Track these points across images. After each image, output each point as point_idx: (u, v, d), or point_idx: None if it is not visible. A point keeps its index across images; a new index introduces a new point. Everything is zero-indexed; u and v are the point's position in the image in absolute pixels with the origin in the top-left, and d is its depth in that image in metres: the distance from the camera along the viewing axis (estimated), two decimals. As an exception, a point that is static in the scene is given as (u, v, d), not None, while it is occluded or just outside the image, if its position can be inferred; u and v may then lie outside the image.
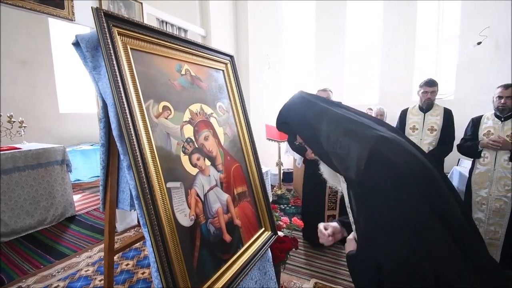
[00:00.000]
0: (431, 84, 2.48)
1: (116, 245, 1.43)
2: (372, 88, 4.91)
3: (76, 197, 4.04)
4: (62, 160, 3.26)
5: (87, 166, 5.04)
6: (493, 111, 2.25)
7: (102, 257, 2.51)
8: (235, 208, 1.40)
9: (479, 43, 3.52)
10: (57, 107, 5.49)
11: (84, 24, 2.62)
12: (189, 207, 1.11)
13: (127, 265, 2.37)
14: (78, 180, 4.84)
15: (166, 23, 3.53)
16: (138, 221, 3.26)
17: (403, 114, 2.70)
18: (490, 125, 2.23)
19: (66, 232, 3.04)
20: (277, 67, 5.00)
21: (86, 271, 2.30)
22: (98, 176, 5.07)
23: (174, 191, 1.06)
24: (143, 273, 2.26)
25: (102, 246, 2.72)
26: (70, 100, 5.68)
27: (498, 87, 2.21)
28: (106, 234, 1.32)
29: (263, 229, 1.58)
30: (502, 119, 2.17)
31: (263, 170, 1.74)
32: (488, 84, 3.34)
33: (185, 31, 3.80)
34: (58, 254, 2.58)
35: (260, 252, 1.43)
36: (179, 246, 1.00)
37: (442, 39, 4.34)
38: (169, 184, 1.04)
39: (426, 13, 4.34)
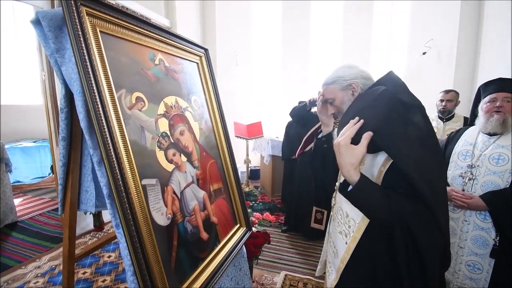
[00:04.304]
0: None
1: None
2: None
3: (16, 201, 3.53)
4: (0, 159, 2.81)
5: (29, 166, 4.44)
6: (437, 113, 2.56)
7: (53, 266, 2.24)
8: (211, 205, 1.36)
9: (424, 53, 3.96)
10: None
11: (29, 2, 2.30)
12: (166, 205, 1.05)
13: (84, 273, 2.15)
14: (18, 181, 4.24)
15: (126, 9, 3.26)
16: (95, 225, 2.98)
17: None
18: (433, 125, 2.53)
19: (7, 241, 2.65)
20: (245, 64, 4.99)
21: (35, 283, 2.03)
22: (42, 177, 4.51)
23: (150, 189, 0.99)
24: (103, 281, 2.08)
25: (52, 254, 2.43)
26: (7, 90, 4.91)
27: (440, 92, 2.51)
28: (66, 240, 1.18)
29: (238, 225, 1.56)
30: (444, 120, 2.48)
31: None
32: (431, 90, 3.78)
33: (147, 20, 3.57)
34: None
35: (236, 248, 1.41)
36: (157, 246, 0.94)
37: (392, 48, 4.79)
38: (145, 181, 0.97)
39: (380, 24, 4.74)
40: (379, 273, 0.85)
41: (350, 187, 0.82)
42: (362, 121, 0.80)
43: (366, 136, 0.77)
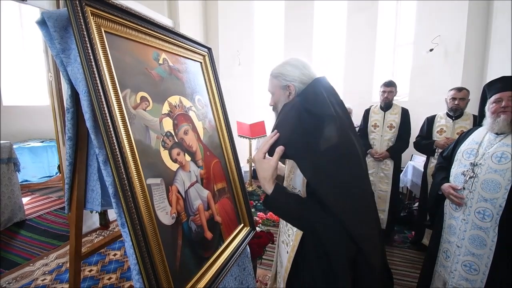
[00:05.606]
0: (388, 85, 2.70)
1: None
2: (336, 87, 5.16)
3: (24, 200, 3.59)
4: (8, 158, 2.86)
5: (36, 165, 4.51)
6: (445, 111, 2.51)
7: (60, 264, 2.27)
8: (215, 204, 1.36)
9: (431, 50, 3.90)
10: (0, 99, 4.80)
11: (34, 2, 2.32)
12: (170, 205, 1.05)
13: (90, 271, 2.18)
14: (27, 181, 4.31)
15: (130, 9, 3.28)
16: (101, 224, 3.02)
17: (366, 113, 2.90)
18: (443, 124, 2.49)
19: (15, 238, 2.70)
20: (248, 64, 4.98)
21: (43, 280, 2.06)
22: (50, 176, 4.58)
23: (155, 188, 0.99)
24: (109, 279, 2.10)
25: (59, 252, 2.47)
26: (15, 91, 5.00)
27: (451, 89, 2.46)
28: (72, 238, 1.19)
29: (242, 225, 1.56)
30: (454, 118, 2.43)
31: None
32: (438, 87, 3.73)
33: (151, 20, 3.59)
34: (8, 263, 2.28)
35: (240, 248, 1.41)
36: (162, 246, 0.94)
37: (398, 45, 4.73)
38: (149, 181, 0.97)
39: (385, 21, 4.69)
40: (317, 280, 0.86)
41: None
42: (278, 135, 0.84)
43: (278, 151, 0.81)
